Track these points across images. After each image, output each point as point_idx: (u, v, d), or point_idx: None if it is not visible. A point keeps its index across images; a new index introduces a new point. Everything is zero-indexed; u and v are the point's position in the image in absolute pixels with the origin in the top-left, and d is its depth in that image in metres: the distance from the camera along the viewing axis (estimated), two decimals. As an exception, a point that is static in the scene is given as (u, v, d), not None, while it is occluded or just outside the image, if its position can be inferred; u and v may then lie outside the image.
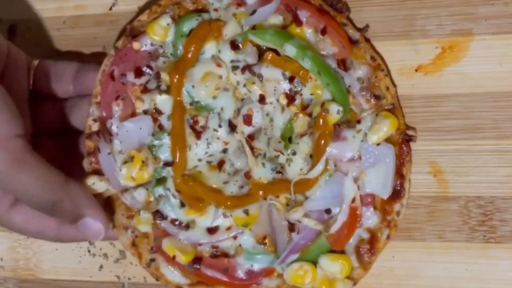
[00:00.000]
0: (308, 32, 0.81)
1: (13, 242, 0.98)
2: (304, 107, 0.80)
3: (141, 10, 0.90)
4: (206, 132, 0.83)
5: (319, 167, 0.79)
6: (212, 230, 0.84)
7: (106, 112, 0.86)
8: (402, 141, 0.80)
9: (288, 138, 0.81)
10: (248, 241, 0.84)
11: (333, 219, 0.80)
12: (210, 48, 0.83)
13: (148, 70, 0.85)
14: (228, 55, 0.82)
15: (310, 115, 0.80)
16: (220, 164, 0.84)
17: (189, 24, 0.84)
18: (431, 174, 0.82)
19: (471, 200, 0.81)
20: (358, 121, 0.80)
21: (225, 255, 0.85)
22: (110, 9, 0.93)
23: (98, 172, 0.86)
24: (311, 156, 0.80)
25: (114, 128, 0.85)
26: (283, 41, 0.79)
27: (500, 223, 0.81)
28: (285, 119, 0.81)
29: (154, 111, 0.84)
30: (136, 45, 0.85)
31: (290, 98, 0.80)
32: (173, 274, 0.86)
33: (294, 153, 0.80)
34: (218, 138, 0.83)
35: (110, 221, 0.86)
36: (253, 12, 0.81)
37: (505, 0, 0.79)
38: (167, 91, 0.84)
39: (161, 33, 0.84)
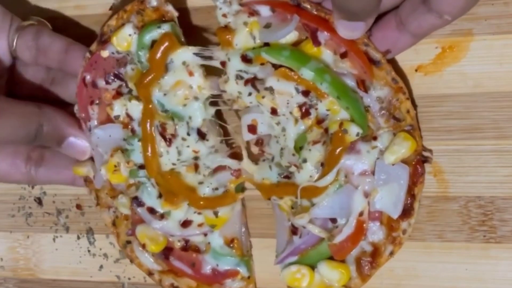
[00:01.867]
0: (325, 52, 0.78)
1: (13, 242, 0.99)
2: (319, 121, 0.78)
3: (112, 13, 0.90)
4: (175, 140, 0.83)
5: (330, 177, 0.77)
6: (185, 224, 0.85)
7: (85, 114, 0.87)
8: (418, 162, 0.78)
9: (299, 147, 0.80)
10: (217, 241, 0.86)
11: (338, 229, 0.79)
12: (177, 56, 0.82)
13: (117, 77, 0.85)
14: (237, 65, 0.80)
15: (325, 129, 0.78)
16: (196, 166, 0.84)
17: (149, 36, 0.83)
18: (431, 174, 0.82)
19: (471, 200, 0.81)
20: (375, 138, 0.78)
21: (195, 249, 0.86)
22: (110, 9, 0.93)
23: None
24: (322, 164, 0.78)
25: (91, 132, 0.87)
26: (299, 64, 0.76)
27: (500, 223, 0.81)
28: (298, 130, 0.79)
29: (126, 116, 0.85)
30: (104, 53, 0.85)
31: (305, 111, 0.78)
32: (146, 259, 0.88)
33: (305, 160, 0.79)
34: (188, 146, 0.83)
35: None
36: (268, 25, 0.78)
37: (505, 0, 0.79)
38: (138, 97, 0.84)
39: (124, 44, 0.84)
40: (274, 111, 0.79)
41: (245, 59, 0.79)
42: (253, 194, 0.87)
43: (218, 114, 0.87)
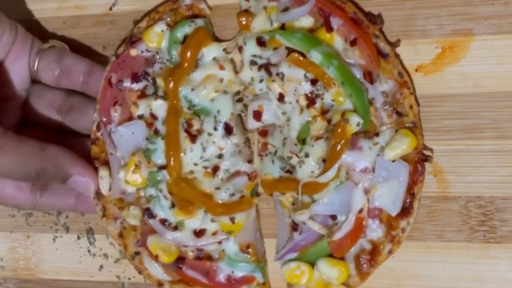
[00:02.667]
0: (337, 39, 0.80)
1: (13, 242, 0.98)
2: (323, 112, 0.80)
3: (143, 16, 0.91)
4: (201, 136, 0.83)
5: (331, 172, 0.78)
6: (198, 234, 0.85)
7: (106, 117, 0.87)
8: (418, 160, 0.79)
9: (302, 140, 0.80)
10: (232, 248, 0.85)
11: (337, 226, 0.79)
12: (208, 51, 0.84)
13: (144, 76, 0.86)
14: (252, 49, 0.82)
15: (329, 121, 0.79)
16: (215, 170, 0.84)
17: (182, 31, 0.84)
18: (431, 174, 0.82)
19: (471, 200, 0.81)
20: (377, 134, 0.79)
21: (209, 257, 0.85)
22: (110, 9, 0.93)
23: None
24: (323, 160, 0.79)
25: (111, 133, 0.86)
26: (309, 46, 0.78)
27: (500, 223, 0.81)
28: (302, 121, 0.80)
29: (149, 116, 0.85)
30: (133, 51, 0.86)
31: (311, 100, 0.80)
32: (155, 270, 0.87)
33: (307, 155, 0.80)
34: (213, 142, 0.83)
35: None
36: (285, 9, 0.81)
37: (505, 0, 0.79)
38: (164, 96, 0.84)
39: (156, 39, 0.85)
40: (281, 98, 0.81)
41: (260, 42, 0.82)
42: (253, 194, 0.88)
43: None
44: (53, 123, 0.90)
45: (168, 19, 0.86)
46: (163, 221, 0.85)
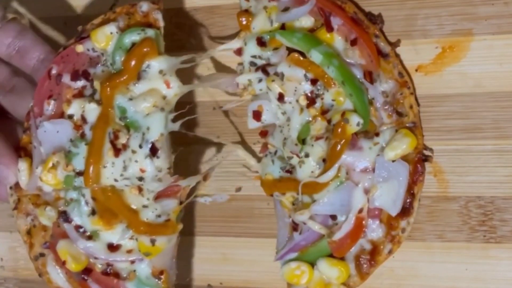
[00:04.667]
0: (337, 39, 0.80)
1: (13, 242, 0.98)
2: (324, 112, 0.80)
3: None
4: (125, 152, 0.80)
5: (331, 172, 0.78)
6: (112, 248, 0.83)
7: (38, 108, 0.84)
8: (418, 160, 0.79)
9: (302, 140, 0.80)
10: (144, 270, 0.83)
11: (337, 226, 0.79)
12: (156, 63, 0.81)
13: (84, 76, 0.83)
14: (253, 50, 0.82)
15: (329, 121, 0.79)
16: (140, 188, 0.82)
17: (130, 37, 0.81)
18: (431, 174, 0.82)
19: (471, 200, 0.81)
20: (377, 134, 0.79)
21: (116, 275, 0.83)
22: (111, 8, 0.93)
23: None
24: (324, 160, 0.79)
25: (38, 127, 0.84)
26: (310, 46, 0.78)
27: (500, 223, 0.81)
28: (302, 121, 0.80)
29: (80, 118, 0.82)
30: (79, 47, 0.83)
31: (311, 100, 0.79)
32: (57, 276, 0.85)
33: (307, 155, 0.79)
34: (136, 162, 0.80)
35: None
36: (286, 9, 0.81)
37: (505, 0, 0.79)
38: (99, 101, 0.82)
39: (103, 40, 0.82)
40: (281, 97, 0.80)
41: (260, 42, 0.81)
42: (253, 194, 0.87)
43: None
44: None
45: (121, 23, 0.83)
46: (78, 228, 0.83)
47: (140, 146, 0.80)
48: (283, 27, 0.82)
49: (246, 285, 0.90)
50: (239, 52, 0.84)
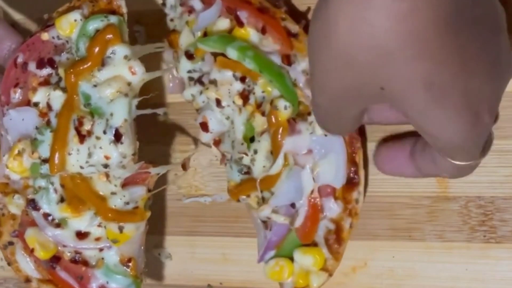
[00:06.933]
0: (251, 32, 0.80)
1: (13, 242, 0.99)
2: (258, 105, 0.80)
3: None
4: (90, 139, 0.80)
5: (279, 162, 0.78)
6: (81, 235, 0.83)
7: (5, 97, 0.85)
8: None
9: (250, 138, 0.81)
10: (113, 258, 0.83)
11: (297, 213, 0.80)
12: (120, 49, 0.80)
13: (49, 63, 0.83)
14: (186, 65, 0.82)
15: (263, 113, 0.79)
16: (108, 175, 0.82)
17: (93, 24, 0.81)
18: (431, 174, 0.82)
19: (471, 200, 0.81)
20: (309, 113, 0.79)
21: (85, 263, 0.84)
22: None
23: None
24: (271, 152, 0.80)
25: (4, 115, 0.84)
26: (224, 45, 0.79)
27: (501, 223, 0.80)
28: (243, 120, 0.81)
29: (46, 105, 0.83)
30: (44, 35, 0.83)
31: (244, 97, 0.80)
32: (26, 265, 0.86)
33: (256, 152, 0.80)
34: (100, 148, 0.80)
35: None
36: None
37: (505, 0, 0.79)
38: (64, 89, 0.82)
39: (67, 28, 0.82)
40: (219, 103, 0.81)
41: (188, 55, 0.82)
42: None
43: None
44: None
45: (86, 10, 0.83)
46: (46, 216, 0.83)
47: (104, 132, 0.80)
48: (205, 35, 0.82)
49: (246, 285, 0.90)
50: (177, 70, 0.84)
